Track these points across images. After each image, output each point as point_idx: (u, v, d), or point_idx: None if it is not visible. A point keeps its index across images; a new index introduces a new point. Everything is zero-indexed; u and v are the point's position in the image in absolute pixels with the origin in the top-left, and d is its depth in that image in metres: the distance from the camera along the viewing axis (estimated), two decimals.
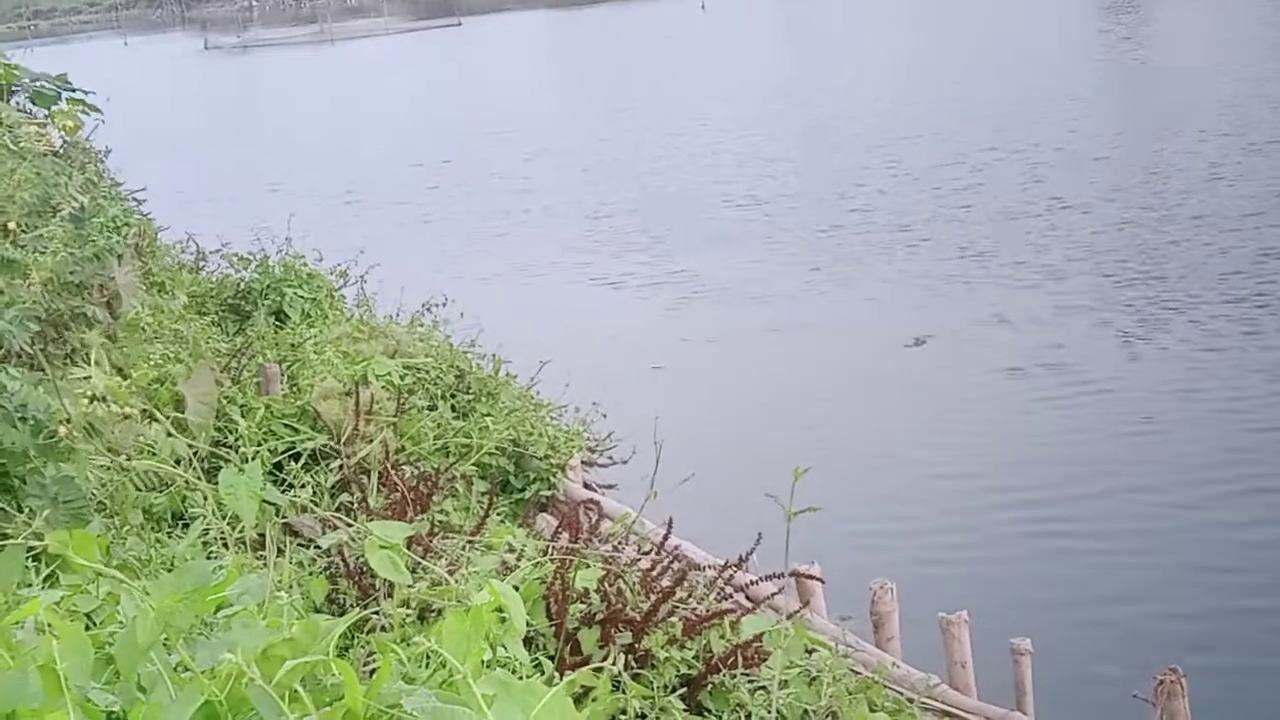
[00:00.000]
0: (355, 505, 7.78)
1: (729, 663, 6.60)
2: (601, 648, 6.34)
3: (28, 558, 4.29)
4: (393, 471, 8.46)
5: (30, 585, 4.35)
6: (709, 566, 7.56)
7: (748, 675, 6.62)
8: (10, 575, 3.95)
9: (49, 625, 3.00)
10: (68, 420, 6.26)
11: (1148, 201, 26.62)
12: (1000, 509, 14.41)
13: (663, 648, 6.50)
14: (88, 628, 3.34)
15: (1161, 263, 22.34)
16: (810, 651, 7.05)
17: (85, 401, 7.08)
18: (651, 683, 6.35)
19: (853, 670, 7.31)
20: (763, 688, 6.54)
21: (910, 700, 7.68)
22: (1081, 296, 21.11)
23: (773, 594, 7.69)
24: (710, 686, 6.62)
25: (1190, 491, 14.41)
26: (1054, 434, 16.21)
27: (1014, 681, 9.00)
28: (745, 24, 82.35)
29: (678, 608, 6.81)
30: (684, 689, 6.45)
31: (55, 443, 6.14)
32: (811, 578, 8.70)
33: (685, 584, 7.00)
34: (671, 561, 7.22)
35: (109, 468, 7.12)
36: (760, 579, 7.43)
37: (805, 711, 6.55)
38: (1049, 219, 26.12)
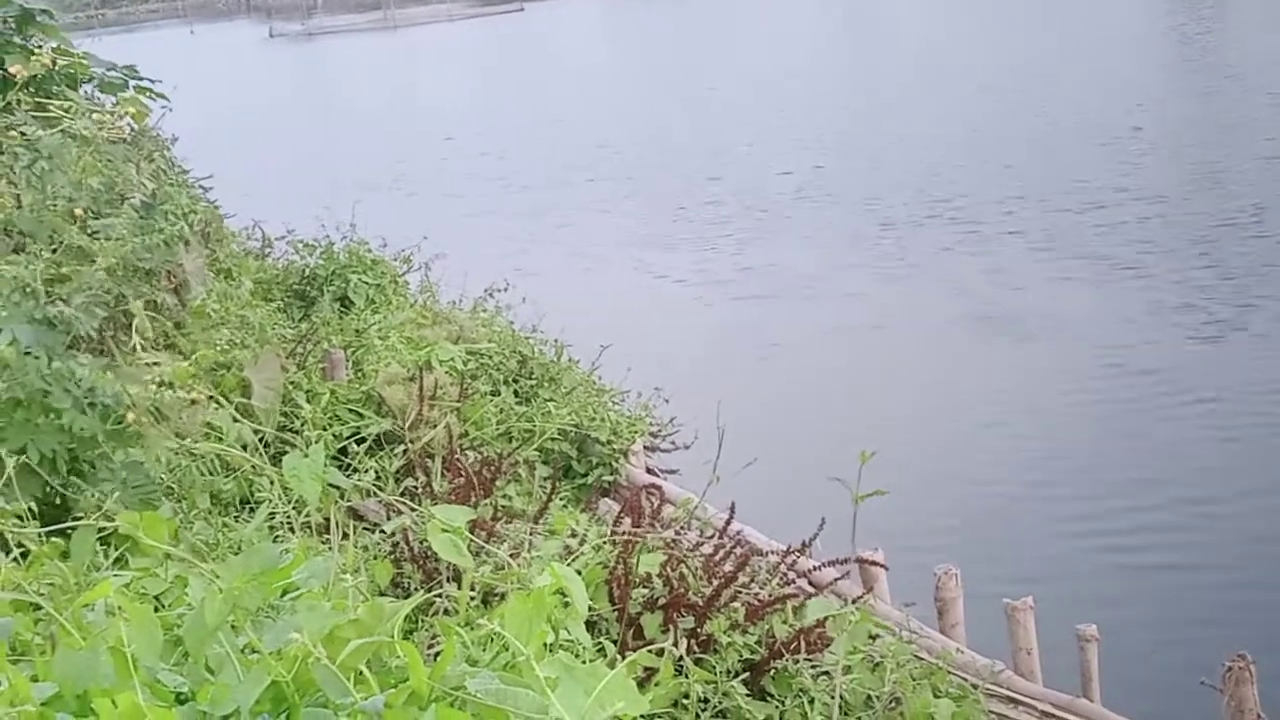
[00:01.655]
0: (419, 490, 7.82)
1: (792, 648, 6.60)
2: (664, 632, 6.35)
3: (97, 540, 4.35)
4: (456, 456, 8.50)
5: (100, 568, 4.41)
6: (771, 552, 7.56)
7: (810, 661, 6.61)
8: (82, 556, 4.01)
9: (119, 607, 3.04)
10: (134, 405, 6.32)
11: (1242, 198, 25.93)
12: (1066, 497, 14.31)
13: (725, 633, 6.50)
14: (156, 610, 3.38)
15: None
16: (874, 637, 7.03)
17: (153, 387, 7.15)
18: (714, 667, 6.36)
19: (916, 656, 7.29)
20: (826, 673, 6.53)
21: (974, 686, 7.64)
22: (1166, 293, 20.71)
23: (836, 579, 7.68)
24: (773, 671, 6.62)
25: (1261, 477, 14.25)
26: (1123, 425, 16.06)
27: (1080, 668, 8.94)
28: (808, 6, 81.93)
29: (740, 593, 6.82)
30: (746, 674, 6.46)
31: (123, 428, 6.22)
32: (875, 564, 8.66)
33: (748, 569, 7.00)
34: (734, 546, 7.22)
35: (177, 452, 7.20)
36: (823, 564, 7.41)
37: (868, 697, 6.54)
38: (1138, 210, 25.52)
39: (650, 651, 5.22)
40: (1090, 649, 8.93)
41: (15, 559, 4.06)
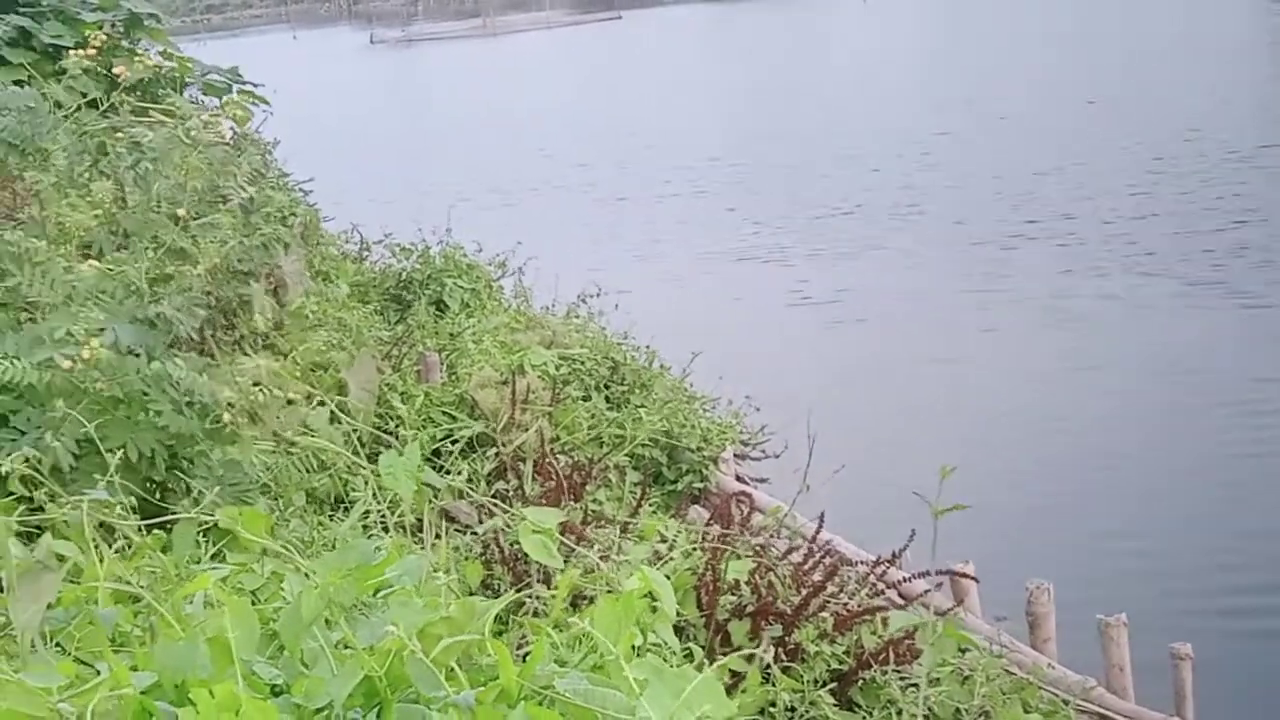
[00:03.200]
0: (510, 493, 7.88)
1: (880, 659, 6.58)
2: (752, 640, 6.35)
3: (196, 535, 4.43)
4: (547, 460, 8.56)
5: (198, 562, 4.49)
6: (861, 562, 7.53)
7: (899, 672, 6.59)
8: (182, 550, 4.09)
9: (218, 600, 3.10)
10: (232, 405, 6.43)
11: None
12: (1163, 512, 14.10)
13: (813, 642, 6.50)
14: (253, 604, 3.44)
15: None
16: (963, 651, 6.99)
17: (251, 387, 7.26)
18: (801, 676, 6.36)
19: (1007, 670, 7.23)
20: (914, 685, 6.50)
21: (1065, 702, 7.57)
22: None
23: (925, 591, 7.64)
24: (861, 682, 6.61)
25: None
26: (1223, 441, 15.80)
27: (1173, 687, 8.81)
28: (909, 16, 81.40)
29: (829, 602, 6.81)
30: (834, 684, 6.45)
31: (221, 427, 6.32)
32: (966, 576, 8.61)
33: (837, 579, 6.99)
34: (823, 556, 7.21)
35: (274, 451, 7.30)
36: (913, 576, 7.38)
37: (957, 710, 6.50)
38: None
39: (738, 658, 5.23)
40: (1184, 668, 8.80)
41: (119, 550, 4.14)
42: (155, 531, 4.25)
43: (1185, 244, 24.18)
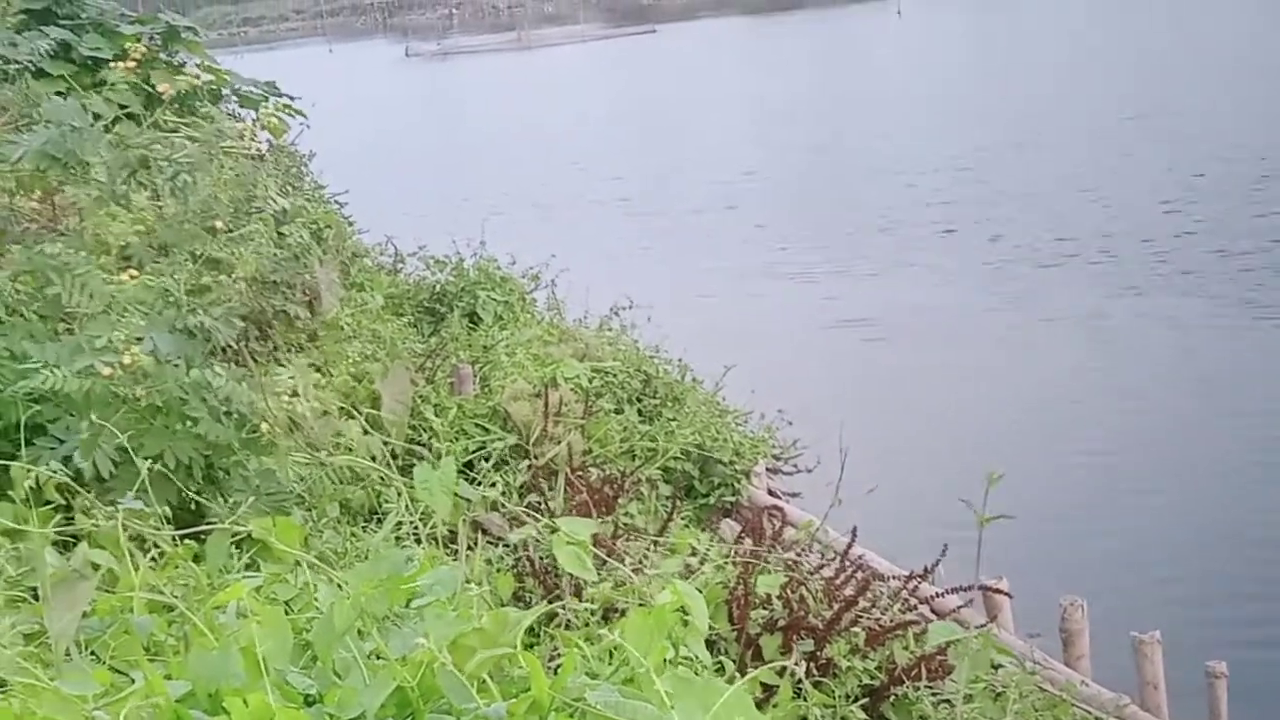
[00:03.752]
0: (542, 505, 7.89)
1: (912, 675, 6.55)
2: (783, 654, 6.34)
3: (229, 545, 4.45)
4: (580, 473, 8.57)
5: (231, 572, 4.51)
6: (893, 577, 7.51)
7: (931, 688, 6.56)
8: (216, 560, 4.11)
9: (251, 610, 3.12)
10: (268, 416, 6.46)
11: None
12: (1199, 530, 14.01)
13: (845, 657, 6.48)
14: (286, 614, 3.45)
15: None
16: (996, 667, 6.96)
17: (286, 398, 7.30)
18: (833, 691, 6.34)
19: (1040, 687, 7.20)
20: (946, 701, 6.47)
21: None
22: None
23: (958, 607, 7.61)
24: (892, 698, 6.58)
25: None
26: (1259, 459, 15.68)
27: (1208, 705, 8.76)
28: (944, 28, 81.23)
29: (861, 617, 6.79)
30: (865, 699, 6.43)
31: (257, 437, 6.35)
32: (999, 592, 8.58)
33: (869, 594, 6.97)
34: (855, 570, 7.19)
35: (308, 462, 7.33)
36: (946, 591, 7.35)
37: None
38: None
39: (770, 671, 5.22)
40: (1219, 686, 8.75)
41: (153, 559, 4.16)
42: (188, 541, 4.28)
43: (1223, 263, 24.00)
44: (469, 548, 4.91)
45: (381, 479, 7.58)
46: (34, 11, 12.21)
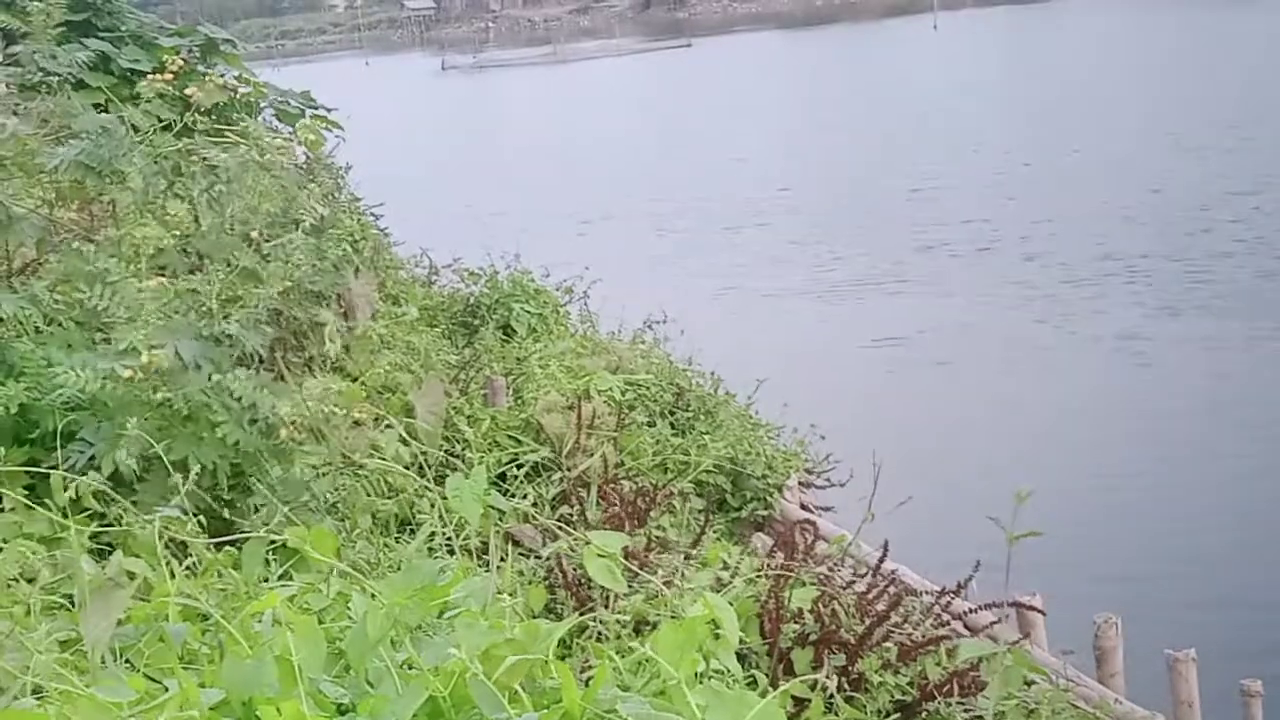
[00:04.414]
0: (574, 518, 7.89)
1: (944, 690, 6.52)
2: (815, 668, 6.32)
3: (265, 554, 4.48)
4: (612, 485, 8.57)
5: (266, 580, 4.53)
6: (926, 592, 7.49)
7: (964, 704, 6.53)
8: (252, 567, 4.13)
9: (285, 618, 3.13)
10: (292, 423, 6.48)
11: None
12: (1234, 547, 13.93)
13: (877, 672, 6.46)
14: (319, 624, 3.47)
15: None
16: (1029, 684, 6.92)
17: (318, 407, 7.32)
18: (864, 706, 6.32)
19: (1073, 705, 7.16)
20: (979, 717, 6.44)
21: None
22: None
23: (991, 623, 7.57)
24: (925, 714, 6.56)
25: None
26: None
27: None
28: (981, 42, 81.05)
29: (893, 632, 6.76)
30: (897, 714, 6.40)
31: (280, 445, 6.38)
32: (1032, 608, 8.54)
33: (901, 608, 6.94)
34: (887, 585, 7.17)
35: (340, 471, 7.36)
36: (978, 607, 7.32)
37: None
38: None
39: (801, 685, 5.21)
40: (1255, 704, 8.69)
41: (188, 567, 4.19)
42: (223, 549, 4.30)
43: (1267, 285, 23.88)
44: (501, 559, 4.92)
45: (414, 489, 7.60)
46: (74, 24, 12.32)
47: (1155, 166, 35.07)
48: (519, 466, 9.27)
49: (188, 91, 9.66)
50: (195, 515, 4.53)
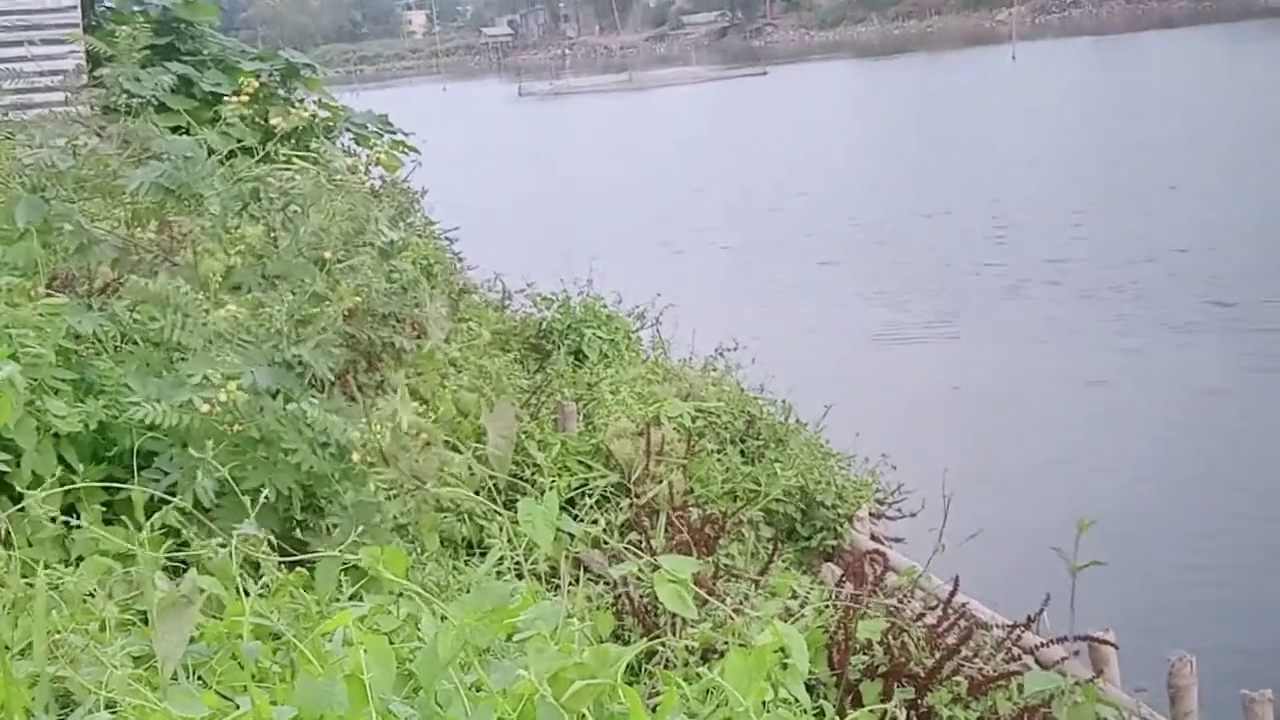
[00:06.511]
0: (643, 543, 7.89)
1: None
2: (883, 700, 6.28)
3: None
4: (681, 512, 8.56)
5: (337, 600, 4.56)
6: (996, 625, 7.42)
7: None
8: (325, 588, 4.17)
9: (356, 638, 3.16)
10: (363, 446, 6.52)
11: None
12: None
13: (947, 705, 6.41)
14: (389, 644, 3.49)
15: None
16: None
17: (389, 430, 7.36)
18: None
19: None
20: None
21: None
22: None
23: (1063, 659, 7.49)
24: None
25: None
26: None
27: None
28: (1060, 73, 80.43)
29: (963, 666, 6.71)
30: None
31: (351, 468, 6.43)
32: (1104, 643, 8.43)
33: (971, 642, 6.89)
34: (958, 618, 7.11)
35: (411, 493, 7.40)
36: (1050, 641, 7.25)
37: None
38: None
39: (869, 716, 5.18)
40: None
41: (262, 588, 4.22)
42: (296, 570, 4.34)
43: None
44: (570, 583, 4.93)
45: (484, 513, 7.63)
46: (158, 48, 12.53)
47: (1257, 204, 34.49)
48: (588, 492, 9.29)
49: (271, 120, 9.79)
50: (269, 536, 4.57)
